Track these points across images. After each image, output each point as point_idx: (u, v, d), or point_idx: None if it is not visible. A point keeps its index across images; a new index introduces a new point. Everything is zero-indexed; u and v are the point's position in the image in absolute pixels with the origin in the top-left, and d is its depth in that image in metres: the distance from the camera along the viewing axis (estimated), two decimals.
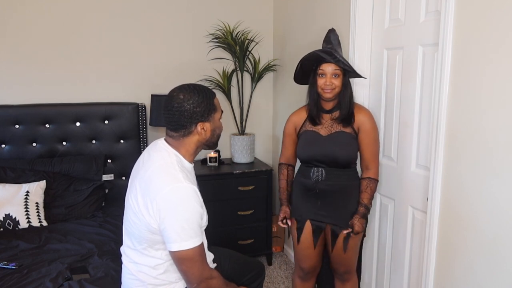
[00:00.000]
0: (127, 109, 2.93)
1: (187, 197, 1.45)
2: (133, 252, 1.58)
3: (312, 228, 2.00)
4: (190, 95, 1.50)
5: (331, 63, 1.87)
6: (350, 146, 1.93)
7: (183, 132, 1.53)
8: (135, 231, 1.53)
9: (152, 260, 1.54)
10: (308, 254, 2.05)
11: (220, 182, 2.91)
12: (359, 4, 2.15)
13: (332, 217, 1.96)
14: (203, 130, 1.54)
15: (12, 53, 2.83)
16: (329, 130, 1.96)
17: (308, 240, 2.02)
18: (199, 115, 1.51)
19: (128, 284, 1.62)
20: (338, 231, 1.96)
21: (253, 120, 3.37)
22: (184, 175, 1.47)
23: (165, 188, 1.44)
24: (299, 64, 1.99)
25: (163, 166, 1.50)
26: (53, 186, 2.59)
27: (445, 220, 1.69)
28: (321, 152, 1.94)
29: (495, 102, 1.44)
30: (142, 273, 1.56)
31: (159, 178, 1.47)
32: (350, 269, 2.06)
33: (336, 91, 1.90)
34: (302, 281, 2.15)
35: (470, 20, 1.51)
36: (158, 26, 3.08)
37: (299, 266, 2.11)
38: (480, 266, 1.54)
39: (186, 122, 1.50)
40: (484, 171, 1.50)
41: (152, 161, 1.54)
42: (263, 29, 3.28)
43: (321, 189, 1.96)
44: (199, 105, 1.50)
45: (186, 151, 1.56)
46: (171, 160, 1.51)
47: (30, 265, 1.93)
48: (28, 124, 2.79)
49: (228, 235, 2.96)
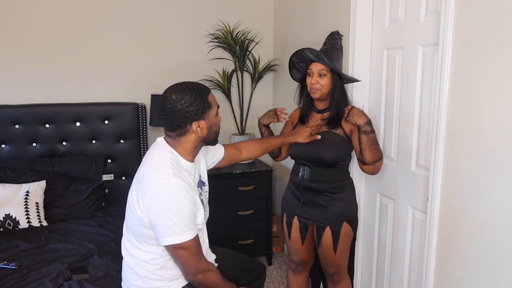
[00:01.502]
0: (127, 109, 2.93)
1: (175, 192, 1.46)
2: (130, 245, 1.60)
3: (299, 225, 2.04)
4: (182, 95, 1.49)
5: (317, 62, 1.90)
6: (337, 147, 1.94)
7: (178, 131, 1.53)
8: (131, 225, 1.56)
9: (147, 254, 1.56)
10: (297, 249, 2.10)
11: (220, 182, 2.91)
12: (359, 4, 2.15)
13: (316, 215, 1.98)
14: (199, 129, 1.53)
15: (12, 53, 2.83)
16: (317, 129, 1.99)
17: (295, 235, 2.06)
18: (193, 114, 1.50)
19: (128, 278, 1.64)
20: (322, 229, 1.97)
21: (253, 120, 3.36)
22: (175, 171, 1.48)
23: (154, 184, 1.46)
24: (290, 62, 2.03)
25: (156, 163, 1.52)
26: (53, 186, 2.59)
27: (445, 220, 1.69)
28: (306, 151, 1.98)
29: (495, 102, 1.44)
30: (139, 266, 1.58)
31: (150, 174, 1.50)
32: (339, 271, 2.05)
33: (323, 91, 1.93)
34: (294, 273, 2.19)
35: (470, 20, 1.51)
36: (158, 26, 3.09)
37: (290, 258, 2.17)
38: (480, 266, 1.54)
39: (180, 122, 1.51)
40: (484, 171, 1.50)
41: (147, 158, 1.58)
42: (263, 29, 3.28)
43: (305, 187, 1.98)
44: (191, 104, 1.49)
45: (184, 149, 1.57)
46: (165, 157, 1.52)
47: (30, 265, 1.93)
48: (28, 124, 2.79)
49: (228, 235, 2.96)
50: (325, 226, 1.96)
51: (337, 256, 1.99)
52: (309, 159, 1.98)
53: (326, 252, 1.99)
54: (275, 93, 3.42)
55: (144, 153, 3.00)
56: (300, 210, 2.02)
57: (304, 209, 2.01)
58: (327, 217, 1.95)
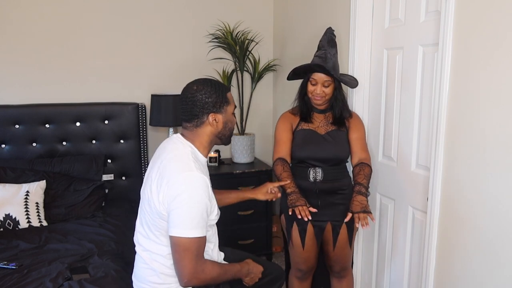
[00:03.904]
0: (127, 109, 2.93)
1: (196, 185, 1.48)
2: (146, 240, 1.60)
3: (314, 230, 1.98)
4: (203, 86, 1.57)
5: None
6: (347, 144, 1.99)
7: (195, 122, 1.58)
8: (148, 219, 1.57)
9: (164, 248, 1.56)
10: (308, 257, 2.03)
11: (220, 182, 2.90)
12: (359, 4, 2.15)
13: (332, 214, 1.96)
14: (215, 121, 1.59)
15: (12, 53, 2.83)
16: (326, 129, 2.00)
17: (310, 244, 1.99)
18: (211, 105, 1.56)
19: (141, 274, 1.63)
20: (338, 227, 1.96)
21: (253, 120, 3.37)
22: (197, 165, 1.52)
23: (176, 175, 1.48)
24: (291, 73, 2.04)
25: (177, 156, 1.55)
26: (53, 186, 2.59)
27: (445, 220, 1.69)
28: (321, 151, 1.96)
29: (495, 102, 1.44)
30: (155, 261, 1.58)
31: (172, 166, 1.52)
32: (347, 265, 2.07)
33: (326, 98, 1.97)
34: (300, 281, 2.14)
35: (470, 20, 1.51)
36: (158, 26, 3.08)
37: (298, 268, 2.08)
38: (480, 266, 1.54)
39: (198, 111, 1.56)
40: (484, 171, 1.50)
41: (167, 152, 1.60)
42: (263, 29, 3.28)
43: (321, 189, 1.96)
44: (210, 95, 1.56)
45: (200, 143, 1.61)
46: (185, 151, 1.56)
47: (30, 265, 1.93)
48: (28, 124, 2.78)
49: (228, 235, 2.95)
50: (341, 224, 1.95)
51: (349, 251, 2.01)
52: (323, 159, 1.96)
53: (340, 249, 1.98)
54: (275, 93, 3.42)
55: (144, 153, 3.00)
56: (314, 214, 1.91)
57: (319, 212, 1.93)
58: (343, 214, 1.92)
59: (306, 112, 2.03)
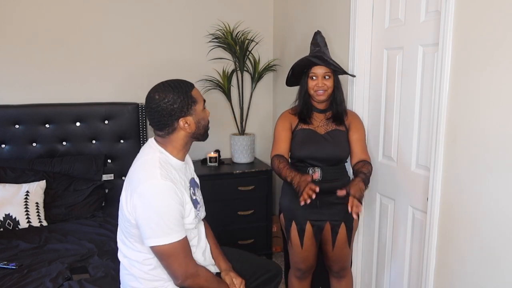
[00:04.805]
0: (127, 109, 2.93)
1: (162, 193, 1.45)
2: (124, 247, 1.60)
3: (313, 230, 1.99)
4: (165, 93, 1.50)
5: (322, 66, 1.92)
6: (346, 144, 1.99)
7: (167, 130, 1.54)
8: (122, 226, 1.57)
9: (140, 254, 1.55)
10: (306, 256, 2.04)
11: (220, 182, 2.91)
12: (359, 4, 2.15)
13: (331, 214, 1.97)
14: (187, 125, 1.54)
15: (12, 53, 2.83)
16: (325, 129, 1.99)
17: (309, 243, 2.00)
18: (178, 111, 1.50)
19: (124, 279, 1.64)
20: (337, 227, 1.97)
21: (253, 120, 3.37)
22: (163, 172, 1.47)
23: (141, 185, 1.46)
24: (291, 70, 2.04)
25: (143, 163, 1.53)
26: (53, 186, 2.59)
27: (445, 220, 1.69)
28: (321, 150, 1.96)
29: (495, 102, 1.44)
30: (133, 267, 1.57)
31: (138, 174, 1.50)
32: (346, 265, 2.07)
33: (328, 92, 1.96)
34: (300, 280, 2.15)
35: (470, 20, 1.51)
36: (158, 26, 3.08)
37: (297, 267, 2.10)
38: (480, 266, 1.54)
39: (167, 120, 1.51)
40: (484, 171, 1.50)
41: (136, 159, 1.59)
42: (263, 29, 3.28)
43: (320, 189, 1.96)
44: (175, 101, 1.49)
45: (174, 147, 1.57)
46: (153, 157, 1.52)
47: (30, 265, 1.93)
48: (28, 124, 2.78)
49: (228, 235, 2.96)
50: (340, 224, 1.95)
51: (348, 251, 2.00)
52: (322, 159, 1.96)
53: (339, 249, 1.99)
54: (275, 93, 3.42)
55: None
56: (313, 214, 1.95)
57: (318, 212, 1.95)
58: (341, 213, 1.93)
59: (307, 112, 2.02)
